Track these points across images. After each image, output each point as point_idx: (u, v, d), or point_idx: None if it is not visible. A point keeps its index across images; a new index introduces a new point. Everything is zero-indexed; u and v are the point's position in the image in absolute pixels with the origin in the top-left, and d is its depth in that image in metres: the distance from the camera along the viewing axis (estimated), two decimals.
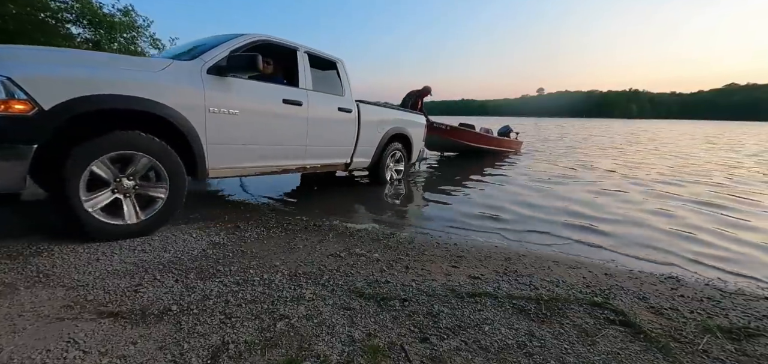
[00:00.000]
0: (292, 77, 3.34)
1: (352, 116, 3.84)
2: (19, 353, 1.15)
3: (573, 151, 10.56)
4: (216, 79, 2.56)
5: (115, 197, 2.17)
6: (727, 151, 11.18)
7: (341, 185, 4.88)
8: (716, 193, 4.87)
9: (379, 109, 4.37)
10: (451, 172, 6.40)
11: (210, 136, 2.53)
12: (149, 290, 1.62)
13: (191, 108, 2.39)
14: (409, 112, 5.16)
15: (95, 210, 2.08)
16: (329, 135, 3.60)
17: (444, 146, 8.67)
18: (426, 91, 7.58)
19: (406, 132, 4.75)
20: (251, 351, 1.24)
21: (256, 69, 2.56)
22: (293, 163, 3.31)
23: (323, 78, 3.71)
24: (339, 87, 3.82)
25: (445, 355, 1.28)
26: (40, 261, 1.83)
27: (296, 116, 3.19)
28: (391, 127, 4.46)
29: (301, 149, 3.32)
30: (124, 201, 2.20)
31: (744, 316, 1.71)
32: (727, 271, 2.40)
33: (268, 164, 3.09)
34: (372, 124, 4.14)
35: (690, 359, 1.34)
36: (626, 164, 7.70)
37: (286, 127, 3.13)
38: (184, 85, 2.38)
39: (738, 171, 7.01)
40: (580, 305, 1.70)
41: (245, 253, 2.16)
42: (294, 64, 3.35)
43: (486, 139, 8.83)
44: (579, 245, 2.79)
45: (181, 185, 2.39)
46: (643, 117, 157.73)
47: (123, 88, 2.05)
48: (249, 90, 2.83)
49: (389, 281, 1.87)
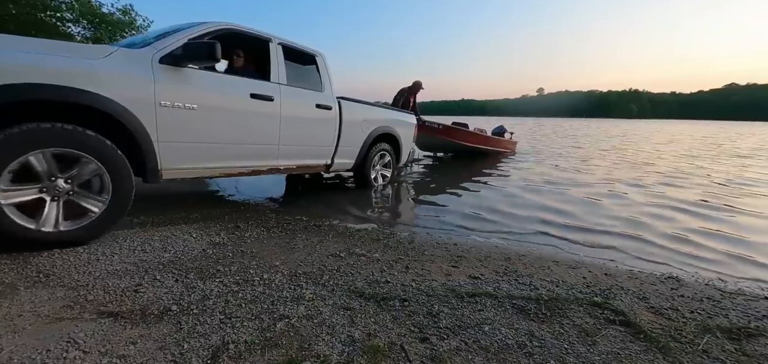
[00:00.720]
0: (265, 71, 3.09)
1: (333, 114, 3.58)
2: (19, 353, 1.15)
3: (571, 151, 10.56)
4: (170, 69, 2.31)
5: (40, 196, 1.91)
6: (724, 152, 11.18)
7: (341, 185, 4.87)
8: (716, 193, 4.87)
9: (364, 107, 4.11)
10: (447, 174, 6.37)
11: (162, 134, 2.29)
12: (149, 290, 1.62)
13: (137, 101, 2.14)
14: (397, 111, 4.89)
15: (8, 205, 1.79)
16: (306, 134, 3.35)
17: (437, 146, 8.36)
18: (416, 87, 7.24)
19: (394, 132, 4.49)
20: (251, 351, 1.24)
21: (215, 58, 2.30)
22: (264, 163, 3.06)
23: (301, 73, 3.48)
24: (318, 82, 3.57)
25: (445, 355, 1.28)
26: (40, 261, 1.83)
27: (267, 113, 2.93)
28: (377, 127, 4.20)
29: (273, 149, 3.08)
30: (49, 204, 1.92)
31: (744, 316, 1.71)
32: (726, 273, 2.40)
33: (234, 165, 2.85)
34: (355, 123, 3.89)
35: (690, 359, 1.34)
36: (623, 165, 7.70)
37: (254, 124, 2.87)
38: (130, 74, 2.13)
39: (735, 172, 7.01)
40: (580, 305, 1.70)
41: (245, 253, 2.16)
42: (267, 57, 3.11)
43: (480, 139, 8.55)
44: (579, 245, 2.79)
45: (126, 194, 2.16)
46: (643, 117, 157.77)
47: (48, 76, 1.81)
48: (211, 83, 2.61)
49: (389, 281, 1.87)
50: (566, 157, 8.91)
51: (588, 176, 6.09)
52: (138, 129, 2.16)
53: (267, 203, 3.65)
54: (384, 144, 4.41)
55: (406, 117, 4.95)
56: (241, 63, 3.27)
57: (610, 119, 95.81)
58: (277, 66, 3.11)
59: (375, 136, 4.17)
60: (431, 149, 8.54)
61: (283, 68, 3.15)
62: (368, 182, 4.35)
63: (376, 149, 4.31)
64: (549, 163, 7.84)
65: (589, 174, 6.33)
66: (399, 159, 4.76)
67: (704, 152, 10.78)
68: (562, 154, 9.57)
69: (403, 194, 4.61)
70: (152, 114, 2.23)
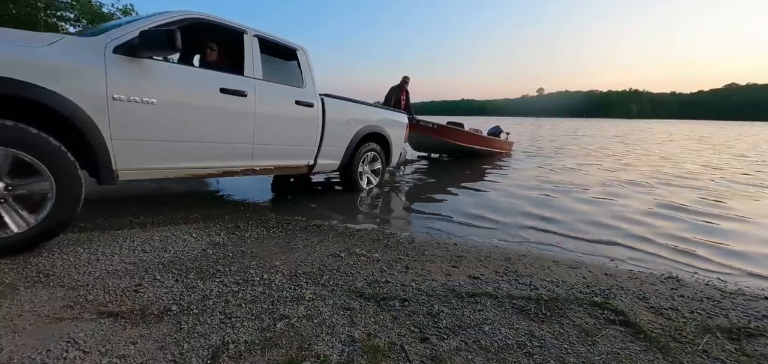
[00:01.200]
0: (241, 66, 2.89)
1: (314, 112, 3.38)
2: (19, 353, 1.15)
3: (569, 151, 10.56)
4: (126, 60, 2.12)
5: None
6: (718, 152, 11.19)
7: (340, 186, 4.87)
8: (715, 193, 4.87)
9: (350, 105, 3.90)
10: (443, 174, 6.33)
11: (116, 131, 2.10)
12: (149, 290, 1.62)
13: (86, 94, 1.95)
14: (387, 110, 4.62)
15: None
16: (284, 132, 3.16)
17: (431, 147, 8.09)
18: (405, 82, 7.06)
19: (383, 131, 4.25)
20: (251, 351, 1.24)
21: (175, 47, 2.11)
22: (237, 164, 2.87)
23: (279, 68, 3.35)
24: (299, 78, 3.37)
25: (445, 355, 1.28)
26: (40, 261, 1.83)
27: (239, 109, 2.75)
28: (365, 126, 3.98)
29: (247, 148, 2.88)
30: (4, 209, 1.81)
31: (744, 316, 1.71)
32: (726, 272, 2.40)
33: (203, 165, 2.65)
34: (340, 122, 3.69)
35: (690, 359, 1.34)
36: (623, 165, 7.70)
37: (225, 121, 2.67)
38: (78, 64, 1.94)
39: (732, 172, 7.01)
40: (580, 305, 1.70)
41: (245, 253, 2.16)
42: (242, 51, 2.92)
43: (476, 139, 8.28)
44: (579, 245, 2.79)
45: (72, 196, 1.97)
46: (643, 117, 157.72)
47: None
48: (174, 76, 2.42)
49: (389, 281, 1.87)
50: (564, 158, 8.91)
51: (587, 177, 6.09)
52: (87, 125, 1.97)
53: (267, 203, 3.65)
54: (372, 144, 4.20)
55: (396, 116, 4.73)
56: (215, 57, 3.08)
57: (610, 119, 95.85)
58: (252, 59, 2.92)
59: (362, 135, 3.97)
60: (425, 150, 8.27)
61: (259, 62, 2.97)
62: (356, 184, 4.13)
63: (364, 150, 4.10)
64: (546, 163, 7.83)
65: (587, 174, 6.33)
66: (389, 160, 4.54)
67: (703, 151, 10.78)
68: (559, 155, 9.57)
69: (402, 194, 4.61)
70: (104, 109, 2.03)
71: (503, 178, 5.81)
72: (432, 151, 8.36)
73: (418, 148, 8.14)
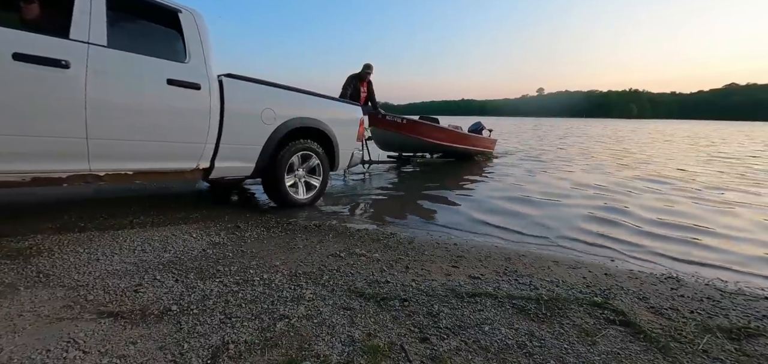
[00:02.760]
0: (67, 26, 2.09)
1: (203, 96, 2.55)
2: (19, 353, 1.15)
3: (566, 151, 10.56)
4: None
5: None
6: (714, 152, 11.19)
7: (340, 186, 4.87)
8: (715, 193, 4.87)
9: (268, 90, 3.01)
10: (437, 175, 6.26)
11: None
12: (149, 290, 1.63)
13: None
14: (331, 100, 3.60)
15: None
16: (147, 123, 2.37)
17: (400, 145, 6.77)
18: (367, 71, 5.85)
19: (325, 127, 3.33)
20: (251, 351, 1.24)
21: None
22: (57, 167, 2.11)
23: (145, 34, 2.53)
24: (180, 50, 2.53)
25: (445, 355, 1.28)
26: (40, 261, 1.83)
27: (56, 86, 1.99)
28: (293, 119, 3.08)
29: (76, 144, 2.10)
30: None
31: (744, 316, 1.71)
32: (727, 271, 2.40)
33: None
34: (251, 113, 2.86)
35: (690, 359, 1.34)
36: (621, 165, 7.70)
37: (26, 105, 1.93)
38: None
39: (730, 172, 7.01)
40: (580, 305, 1.70)
41: (245, 253, 2.16)
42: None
43: (453, 137, 7.19)
44: (579, 245, 2.79)
45: None
46: (643, 117, 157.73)
47: None
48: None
49: (389, 281, 1.87)
50: (557, 156, 8.90)
51: (586, 177, 6.09)
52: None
53: (267, 203, 3.65)
54: (307, 142, 3.26)
55: (343, 108, 3.76)
56: (37, 13, 2.17)
57: (610, 119, 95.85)
58: (88, 18, 2.12)
59: (289, 131, 3.06)
60: (394, 148, 6.92)
61: (101, 22, 2.16)
62: (283, 195, 3.19)
63: (293, 151, 3.16)
64: (539, 161, 7.82)
65: (586, 174, 6.33)
66: (334, 163, 3.57)
67: (702, 152, 10.78)
68: (552, 152, 9.54)
69: (401, 195, 4.60)
70: None
71: (500, 178, 5.79)
72: (403, 150, 7.05)
73: (386, 147, 6.85)
